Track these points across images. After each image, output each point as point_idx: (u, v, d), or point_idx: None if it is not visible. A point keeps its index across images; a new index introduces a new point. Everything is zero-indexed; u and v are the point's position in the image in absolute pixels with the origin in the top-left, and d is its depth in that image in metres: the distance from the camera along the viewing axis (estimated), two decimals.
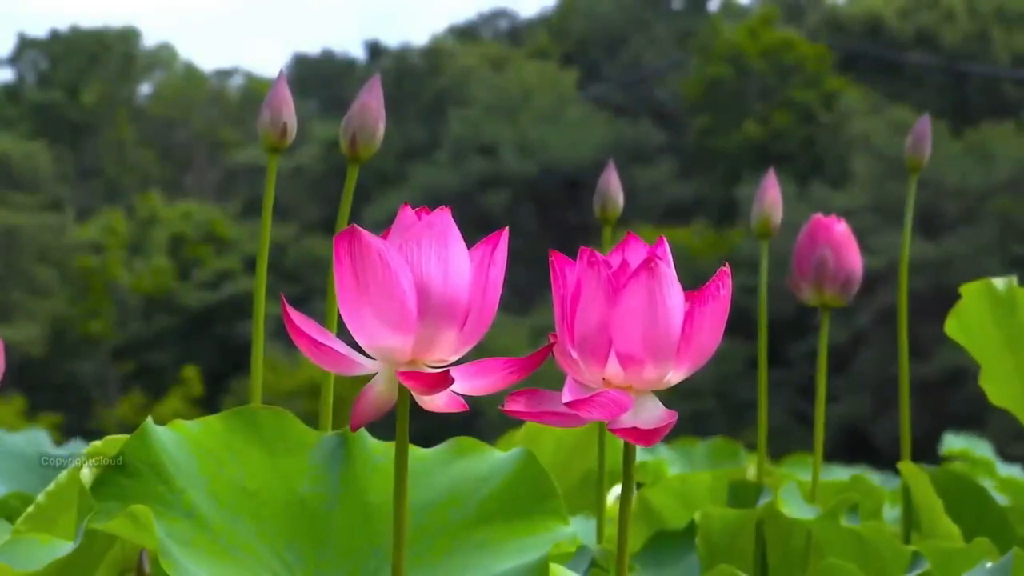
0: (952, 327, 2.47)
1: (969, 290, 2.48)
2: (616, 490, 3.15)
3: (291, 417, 1.68)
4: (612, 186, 2.49)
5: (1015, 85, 32.26)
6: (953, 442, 5.81)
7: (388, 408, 1.41)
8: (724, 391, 24.63)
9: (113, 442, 1.72)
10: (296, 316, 1.39)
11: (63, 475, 1.97)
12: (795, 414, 23.62)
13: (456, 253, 1.36)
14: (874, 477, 4.76)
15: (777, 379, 22.69)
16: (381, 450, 1.70)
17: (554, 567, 1.59)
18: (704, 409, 24.89)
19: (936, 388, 22.73)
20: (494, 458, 1.71)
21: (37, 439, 4.44)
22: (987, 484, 3.34)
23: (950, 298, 2.52)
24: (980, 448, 5.74)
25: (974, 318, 2.47)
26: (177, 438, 1.61)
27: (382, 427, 1.56)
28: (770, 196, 2.54)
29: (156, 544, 1.47)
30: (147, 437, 1.58)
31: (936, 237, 25.96)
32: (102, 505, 1.53)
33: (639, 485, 3.16)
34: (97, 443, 1.76)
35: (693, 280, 1.42)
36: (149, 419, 1.61)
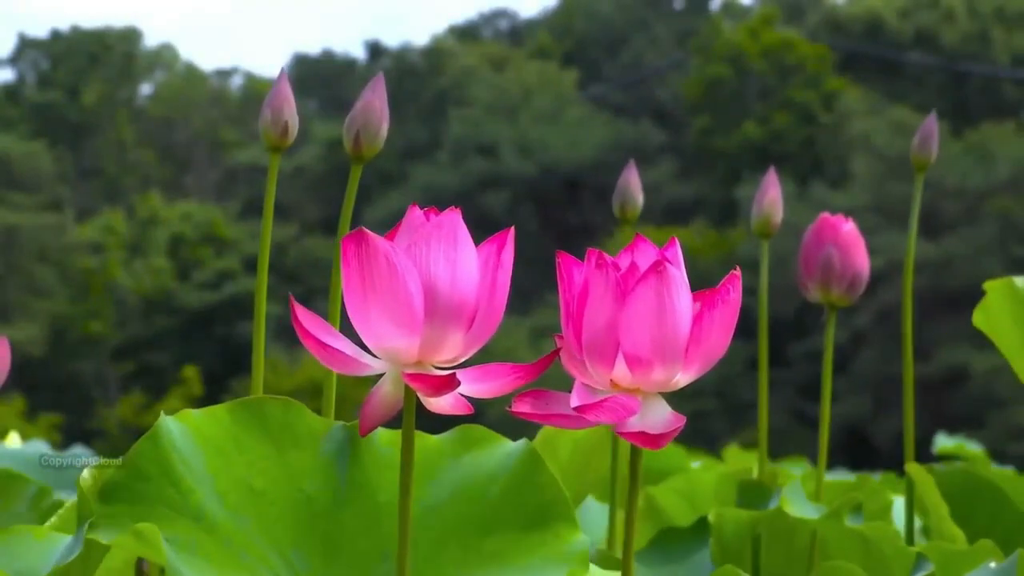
0: (979, 320, 2.46)
1: (991, 287, 2.47)
2: None
3: (299, 407, 1.64)
4: (632, 185, 2.50)
5: (1015, 85, 32.27)
6: (944, 442, 5.84)
7: (396, 409, 1.41)
8: (724, 391, 24.63)
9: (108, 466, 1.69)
10: (304, 316, 1.39)
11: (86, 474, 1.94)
12: (795, 414, 23.62)
13: (465, 254, 1.36)
14: (874, 477, 4.76)
15: (777, 379, 22.69)
16: (389, 441, 1.67)
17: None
18: (704, 409, 24.88)
19: (936, 388, 22.74)
20: (500, 452, 1.67)
21: (37, 447, 4.45)
22: None
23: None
24: (971, 447, 5.78)
25: (998, 314, 2.46)
26: (184, 431, 1.58)
27: (388, 422, 1.54)
28: (770, 196, 2.53)
29: (164, 561, 1.45)
30: (158, 437, 1.56)
31: (936, 237, 25.95)
32: (108, 509, 1.51)
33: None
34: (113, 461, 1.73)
35: (694, 280, 1.41)
36: (163, 415, 1.58)
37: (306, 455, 1.64)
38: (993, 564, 1.96)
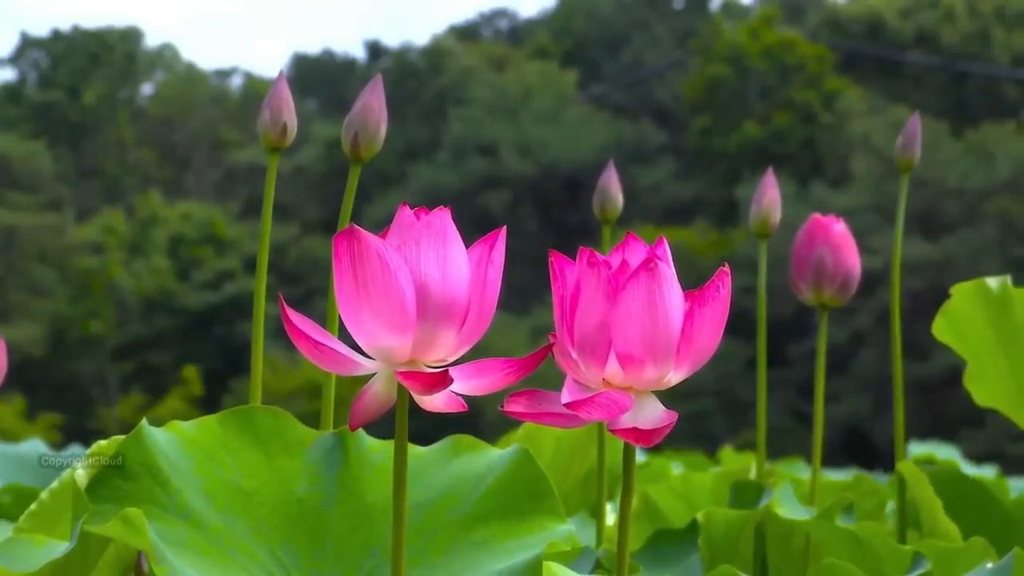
0: (940, 327, 2.46)
1: (960, 290, 2.48)
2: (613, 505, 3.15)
3: (288, 416, 1.68)
4: (612, 186, 2.48)
5: (1015, 85, 32.27)
6: (916, 449, 5.87)
7: (387, 408, 1.41)
8: (724, 391, 24.63)
9: (118, 442, 1.72)
10: (295, 317, 1.39)
11: (66, 474, 1.96)
12: (795, 414, 23.63)
13: (455, 253, 1.36)
14: (878, 479, 4.78)
15: (777, 379, 22.70)
16: (379, 448, 1.70)
17: (557, 567, 1.59)
18: (704, 409, 24.89)
19: (936, 388, 22.74)
20: (490, 456, 1.71)
21: (36, 447, 4.46)
22: None
23: (948, 299, 2.52)
24: (944, 453, 5.81)
25: (965, 318, 2.47)
26: (173, 439, 1.61)
27: (379, 425, 1.56)
28: (768, 196, 2.53)
29: (149, 547, 1.46)
30: (143, 438, 1.58)
31: (936, 237, 25.96)
32: (97, 507, 1.53)
33: None
34: (102, 442, 1.76)
35: (695, 281, 1.42)
36: (144, 421, 1.61)
37: (295, 460, 1.66)
38: (989, 565, 1.96)
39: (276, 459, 1.65)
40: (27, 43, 39.67)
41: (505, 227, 1.40)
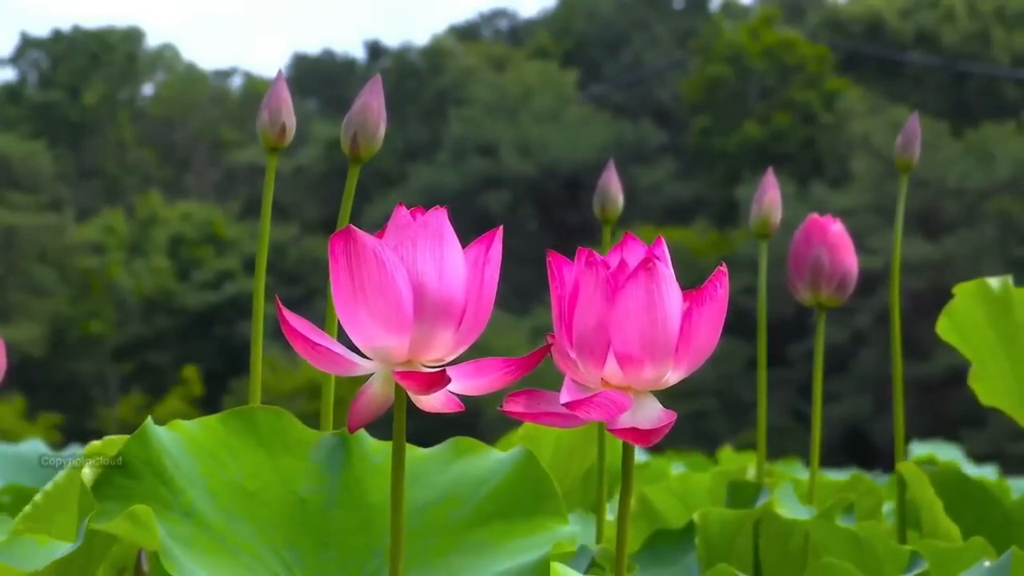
0: (944, 327, 2.47)
1: (963, 290, 2.48)
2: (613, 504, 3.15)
3: (290, 417, 1.68)
4: (612, 186, 2.48)
5: (1015, 85, 32.27)
6: (917, 450, 5.86)
7: (385, 408, 1.41)
8: (724, 391, 24.63)
9: (112, 442, 1.72)
10: (292, 318, 1.39)
11: (61, 475, 1.97)
12: (795, 414, 23.62)
13: (451, 253, 1.36)
14: (878, 479, 4.77)
15: (777, 379, 22.69)
16: (380, 450, 1.70)
17: (555, 566, 1.59)
18: (704, 409, 24.89)
19: (936, 388, 22.73)
20: (493, 458, 1.71)
21: (36, 447, 4.46)
22: None
23: (950, 299, 2.52)
24: (946, 453, 5.81)
25: (967, 318, 2.47)
26: (176, 438, 1.61)
27: (380, 427, 1.56)
28: (769, 196, 2.53)
29: (157, 544, 1.46)
30: (147, 437, 1.59)
31: (936, 237, 25.97)
32: (103, 505, 1.53)
33: None
34: (96, 443, 1.76)
35: (696, 281, 1.42)
36: (149, 419, 1.61)
37: (298, 461, 1.66)
38: (987, 563, 1.96)
39: (278, 459, 1.65)
40: (27, 43, 39.68)
41: (502, 226, 1.40)
